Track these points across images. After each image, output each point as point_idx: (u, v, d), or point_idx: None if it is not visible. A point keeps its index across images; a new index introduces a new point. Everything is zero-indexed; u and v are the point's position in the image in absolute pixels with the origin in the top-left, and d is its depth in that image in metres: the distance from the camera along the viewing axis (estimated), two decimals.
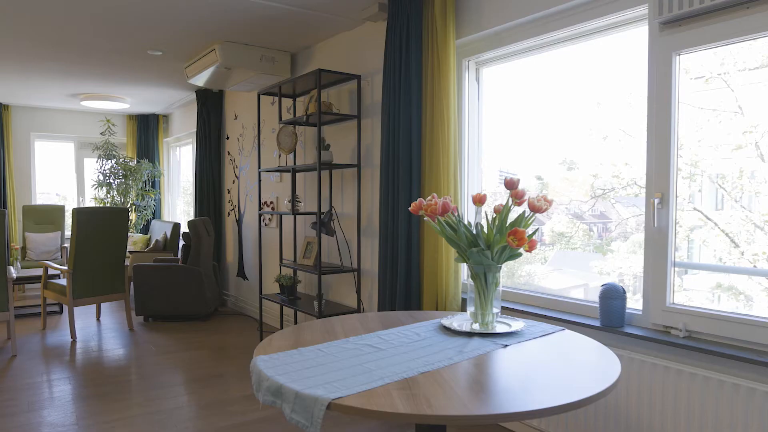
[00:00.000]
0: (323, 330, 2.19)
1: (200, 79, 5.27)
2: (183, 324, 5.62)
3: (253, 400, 3.56)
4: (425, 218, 2.25)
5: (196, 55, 5.00)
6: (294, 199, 4.16)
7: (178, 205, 8.60)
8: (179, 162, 8.64)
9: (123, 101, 7.27)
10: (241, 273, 6.19)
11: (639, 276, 3.01)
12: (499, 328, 2.19)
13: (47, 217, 7.66)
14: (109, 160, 7.69)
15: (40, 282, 6.00)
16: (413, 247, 3.31)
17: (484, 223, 2.21)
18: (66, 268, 5.08)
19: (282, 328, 4.72)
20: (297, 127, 4.91)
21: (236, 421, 3.25)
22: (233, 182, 6.31)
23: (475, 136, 3.50)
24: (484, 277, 2.17)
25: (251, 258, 5.96)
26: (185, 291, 5.62)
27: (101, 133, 7.96)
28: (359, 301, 4.12)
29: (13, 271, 4.68)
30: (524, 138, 3.55)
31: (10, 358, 4.47)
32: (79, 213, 4.97)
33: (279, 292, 4.67)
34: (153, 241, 7.16)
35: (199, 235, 5.63)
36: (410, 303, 3.34)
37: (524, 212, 2.13)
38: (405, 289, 3.35)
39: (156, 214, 8.50)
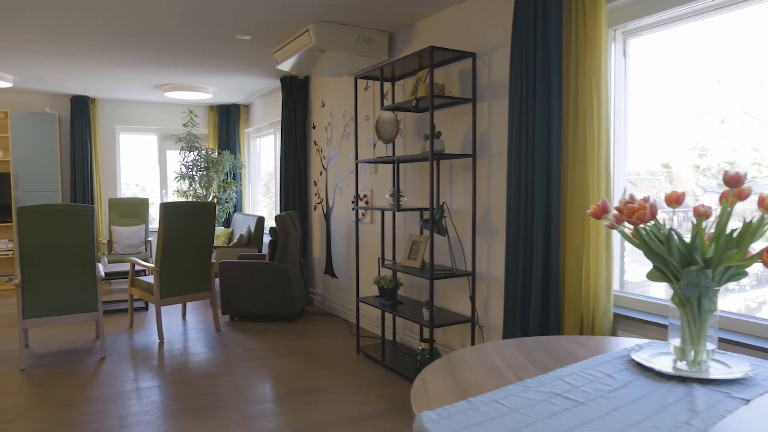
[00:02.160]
0: (482, 365, 1.72)
1: (288, 65, 4.91)
2: (270, 324, 5.32)
3: (361, 422, 3.14)
4: (605, 223, 1.73)
5: (287, 38, 4.63)
6: (398, 194, 3.71)
7: (259, 198, 8.38)
8: (259, 153, 8.41)
9: (206, 91, 7.06)
10: (329, 271, 5.83)
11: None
12: (716, 370, 1.64)
13: (132, 210, 7.60)
14: (192, 152, 7.53)
15: (126, 278, 5.86)
16: (552, 251, 2.78)
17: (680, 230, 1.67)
18: (153, 265, 4.86)
19: (383, 336, 4.30)
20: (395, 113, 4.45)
21: None
22: (320, 174, 5.94)
23: (621, 120, 2.92)
24: (697, 303, 1.63)
25: (341, 255, 5.58)
26: (272, 289, 5.31)
27: (184, 125, 7.82)
28: (473, 309, 3.63)
29: (101, 269, 4.49)
30: (649, 121, 2.97)
31: (99, 361, 4.28)
32: (167, 208, 4.72)
33: (378, 295, 4.24)
34: (237, 236, 6.93)
35: (287, 231, 5.29)
36: (548, 318, 2.82)
37: (763, 217, 1.57)
38: (542, 301, 2.83)
39: (237, 207, 8.31)
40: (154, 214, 8.25)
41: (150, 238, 7.53)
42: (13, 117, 7.07)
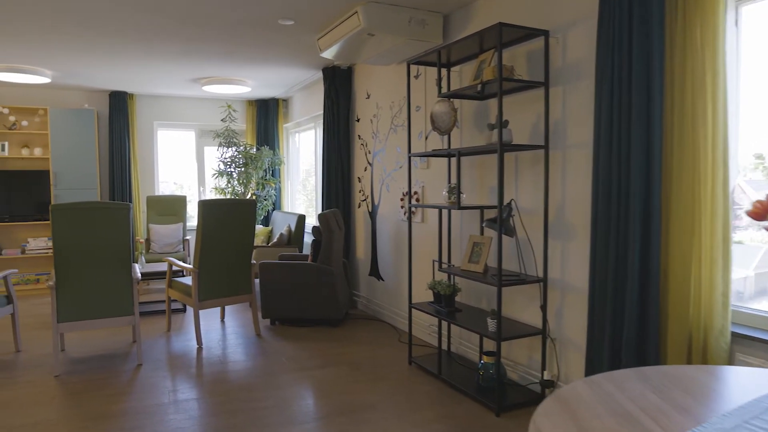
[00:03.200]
0: (607, 407, 1.34)
1: (332, 52, 4.57)
2: (312, 330, 5.00)
3: None
4: (766, 225, 1.35)
5: (334, 22, 4.29)
6: (458, 190, 3.33)
7: (297, 196, 8.10)
8: (298, 149, 8.13)
9: (244, 84, 6.80)
10: (374, 272, 5.48)
11: None
12: None
13: (170, 208, 7.40)
14: (230, 148, 7.29)
15: (164, 278, 5.64)
16: (651, 256, 2.37)
17: None
18: (191, 266, 4.60)
19: (440, 346, 3.93)
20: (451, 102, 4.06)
21: None
22: (365, 170, 5.60)
23: (733, 102, 2.48)
24: None
25: (388, 256, 5.23)
26: (316, 292, 4.99)
27: (222, 120, 7.59)
28: (545, 320, 3.23)
29: (138, 270, 4.25)
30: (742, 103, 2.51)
31: (135, 368, 4.03)
32: (205, 206, 4.45)
33: (432, 301, 3.88)
34: (276, 235, 6.66)
35: (331, 230, 4.97)
36: (646, 335, 2.40)
37: None
38: (638, 314, 2.41)
39: (276, 205, 8.05)
40: (191, 211, 8.07)
41: (188, 237, 7.33)
42: (52, 114, 6.94)
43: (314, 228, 5.08)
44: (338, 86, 5.79)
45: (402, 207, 4.90)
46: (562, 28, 3.12)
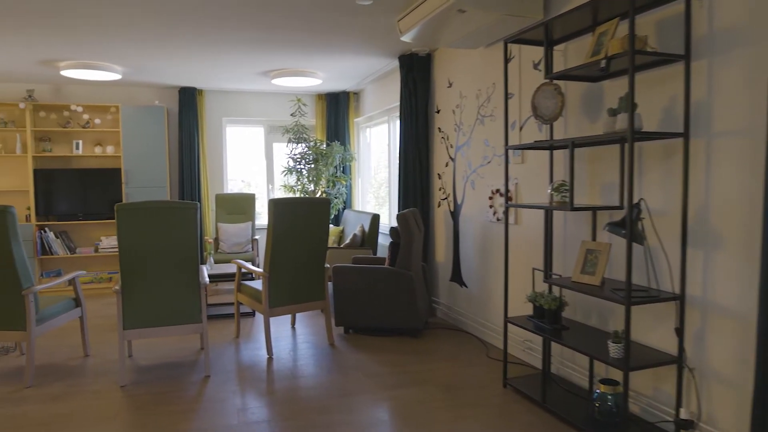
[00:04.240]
0: None
1: (412, 34, 4.13)
2: (391, 340, 4.58)
3: None
4: None
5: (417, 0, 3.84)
6: (571, 188, 2.80)
7: (369, 195, 7.70)
8: (369, 145, 7.73)
9: (315, 76, 6.46)
10: (456, 278, 5.00)
11: None
12: None
13: (238, 206, 7.19)
14: (300, 144, 6.97)
15: (233, 279, 5.37)
16: None
17: None
18: (261, 270, 4.27)
19: (544, 369, 3.40)
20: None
21: None
22: (446, 165, 5.12)
23: None
24: None
25: (472, 261, 4.73)
26: (393, 300, 4.56)
27: (291, 115, 7.29)
28: (681, 346, 2.65)
29: (206, 273, 3.95)
30: None
31: (203, 379, 3.73)
32: (277, 205, 4.10)
33: (531, 315, 3.36)
34: (349, 235, 6.28)
35: (411, 231, 4.52)
36: None
37: None
38: None
39: (347, 203, 7.69)
40: (259, 209, 7.84)
41: (257, 236, 7.08)
42: (124, 111, 6.85)
43: (392, 229, 4.65)
44: (416, 75, 5.33)
45: (491, 206, 4.39)
46: None
